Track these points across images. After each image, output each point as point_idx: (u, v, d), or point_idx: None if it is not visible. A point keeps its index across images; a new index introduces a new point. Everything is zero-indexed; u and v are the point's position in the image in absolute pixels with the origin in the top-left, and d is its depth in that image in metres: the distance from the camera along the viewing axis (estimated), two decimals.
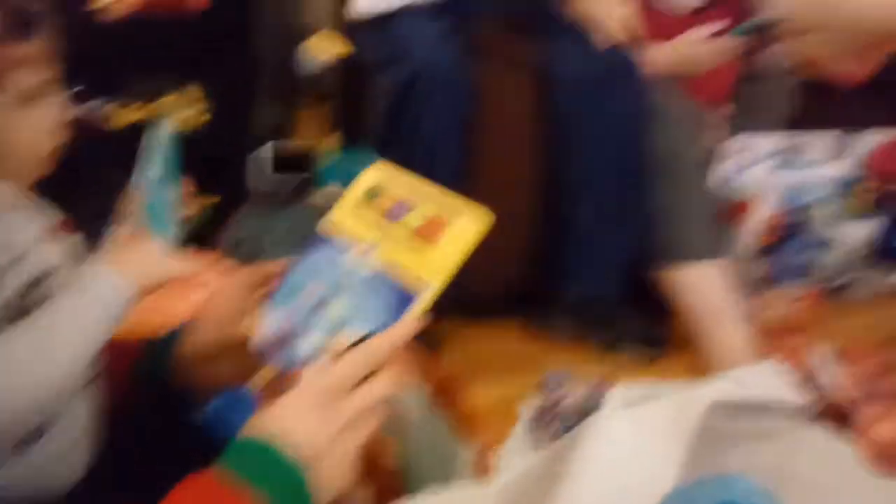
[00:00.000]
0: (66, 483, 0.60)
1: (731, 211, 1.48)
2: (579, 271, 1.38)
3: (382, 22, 1.36)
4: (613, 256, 1.38)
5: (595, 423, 0.77)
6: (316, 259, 0.67)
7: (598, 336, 1.39)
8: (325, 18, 2.00)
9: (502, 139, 1.37)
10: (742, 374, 1.10)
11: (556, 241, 1.39)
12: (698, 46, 1.41)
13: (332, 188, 1.94)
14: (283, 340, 0.66)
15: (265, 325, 0.66)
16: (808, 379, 1.11)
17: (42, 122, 0.60)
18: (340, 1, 1.89)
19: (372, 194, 0.68)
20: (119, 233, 0.72)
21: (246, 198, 1.70)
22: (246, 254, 1.58)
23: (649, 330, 1.38)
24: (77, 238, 0.68)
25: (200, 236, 0.78)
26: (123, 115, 1.68)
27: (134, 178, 0.72)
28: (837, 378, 1.02)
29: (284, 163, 1.95)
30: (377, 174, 0.69)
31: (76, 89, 1.77)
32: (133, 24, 1.63)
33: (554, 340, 1.42)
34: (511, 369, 1.32)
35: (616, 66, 1.32)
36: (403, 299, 0.60)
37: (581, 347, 1.40)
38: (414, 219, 0.63)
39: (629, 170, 1.34)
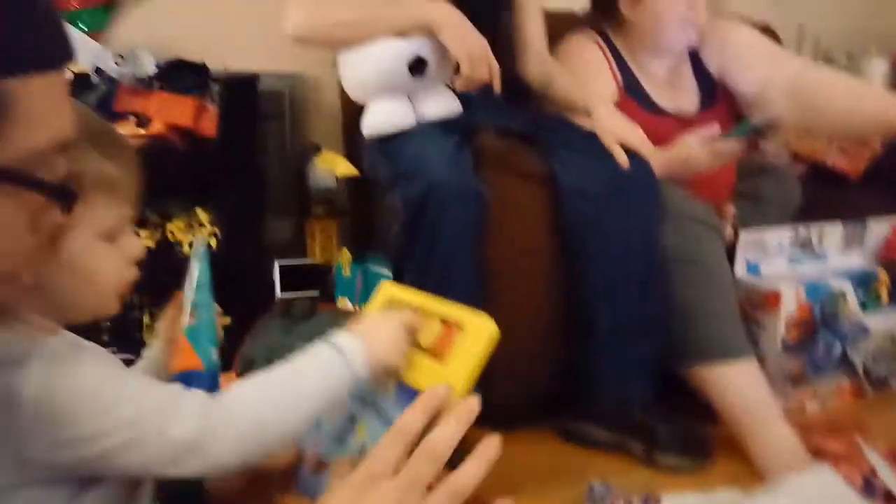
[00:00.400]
0: None
1: (755, 306, 1.45)
2: (608, 377, 1.33)
3: (392, 140, 1.38)
4: (641, 359, 1.34)
5: None
6: None
7: (636, 443, 1.31)
8: (333, 137, 2.07)
9: (518, 249, 1.36)
10: (798, 485, 1.03)
11: (583, 348, 1.35)
12: (695, 149, 1.42)
13: (344, 303, 1.92)
14: (314, 466, 0.63)
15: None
16: (868, 486, 1.04)
17: (120, 258, 0.61)
18: (348, 121, 1.95)
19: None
20: (162, 350, 0.74)
21: (258, 316, 1.67)
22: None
23: (689, 434, 1.31)
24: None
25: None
26: None
27: (184, 297, 0.73)
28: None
29: (295, 280, 1.95)
30: (388, 293, 0.70)
31: None
32: (145, 153, 1.67)
33: (591, 449, 1.35)
34: (549, 481, 1.25)
35: (626, 173, 1.33)
36: None
37: (620, 455, 1.33)
38: (424, 337, 0.63)
39: (647, 273, 1.32)
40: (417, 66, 1.34)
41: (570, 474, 1.27)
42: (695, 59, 1.70)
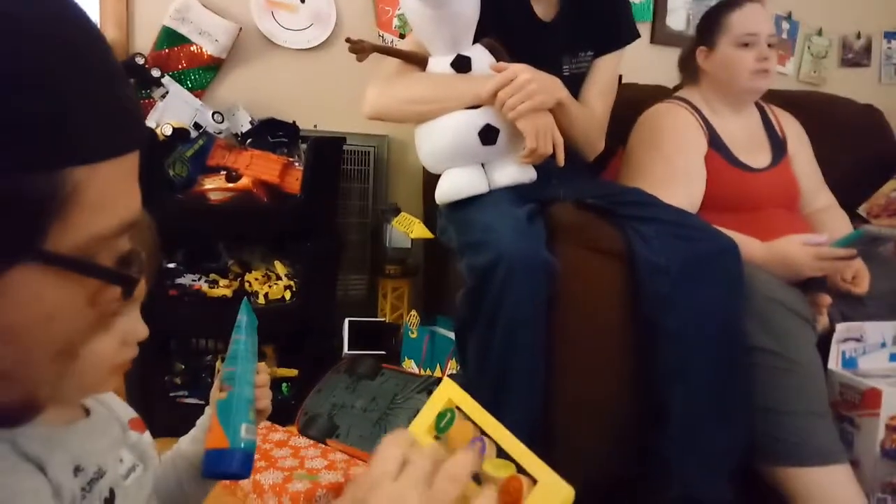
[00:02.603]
0: None
1: (850, 405, 1.34)
2: (681, 468, 1.23)
3: (463, 207, 1.39)
4: (718, 453, 1.24)
5: None
6: None
7: None
8: (413, 199, 2.10)
9: (590, 325, 1.31)
10: None
11: (655, 434, 1.26)
12: (799, 250, 1.36)
13: (409, 365, 1.90)
14: None
15: None
16: None
17: (117, 338, 0.58)
18: (427, 184, 1.98)
19: (445, 421, 0.65)
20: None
21: (324, 371, 1.68)
22: (320, 431, 1.52)
23: None
24: (149, 437, 0.65)
25: (279, 409, 0.75)
26: (216, 289, 1.75)
27: (223, 362, 0.71)
28: None
29: (363, 337, 1.96)
30: (449, 394, 0.67)
31: (176, 263, 1.87)
32: (231, 206, 1.74)
33: None
34: None
35: (708, 251, 1.27)
36: None
37: None
38: (490, 468, 0.59)
39: (726, 359, 1.24)
40: (488, 135, 1.35)
41: None
42: (762, 112, 1.74)
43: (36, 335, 0.40)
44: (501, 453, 0.62)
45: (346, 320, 1.95)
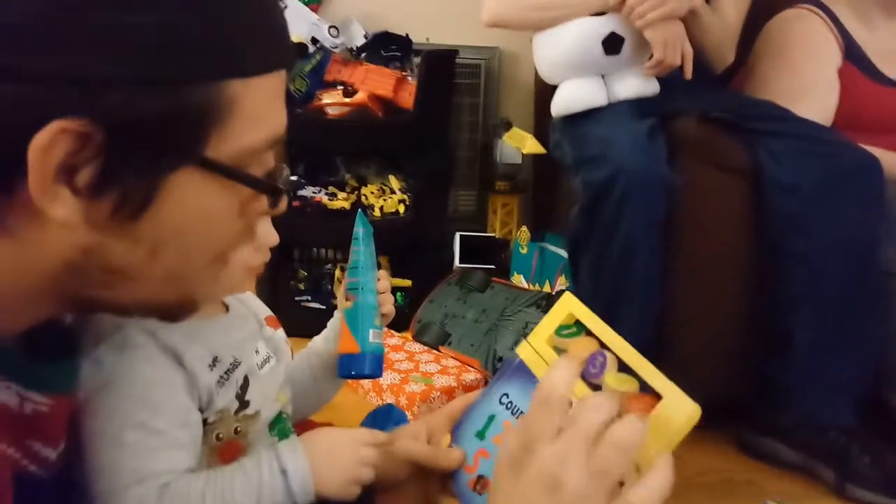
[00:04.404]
0: None
1: None
2: (801, 393, 1.20)
3: (580, 120, 1.35)
4: (842, 380, 1.19)
5: None
6: (511, 390, 0.64)
7: (826, 469, 1.19)
8: (525, 114, 2.06)
9: (711, 245, 1.27)
10: None
11: (778, 359, 1.23)
12: None
13: (518, 280, 1.93)
14: (474, 482, 0.63)
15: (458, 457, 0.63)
16: None
17: (256, 242, 0.62)
18: (540, 98, 1.94)
19: (564, 332, 0.66)
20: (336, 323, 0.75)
21: (436, 282, 1.74)
22: (433, 338, 1.60)
23: (893, 471, 1.16)
24: (282, 333, 0.70)
25: (394, 316, 0.79)
26: (335, 201, 1.82)
27: (346, 269, 0.75)
28: None
29: (474, 251, 2.00)
30: (569, 308, 0.68)
31: (298, 176, 1.95)
32: (348, 121, 1.79)
33: (771, 466, 1.25)
34: (721, 491, 1.18)
35: (846, 168, 1.18)
36: None
37: (804, 479, 1.22)
38: (613, 382, 0.60)
39: (860, 284, 1.17)
40: (612, 44, 1.29)
41: (744, 488, 1.19)
42: None
43: (196, 239, 0.45)
44: (623, 369, 0.63)
45: (458, 234, 2.00)
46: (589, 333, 0.66)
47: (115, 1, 0.38)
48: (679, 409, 0.56)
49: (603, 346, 0.65)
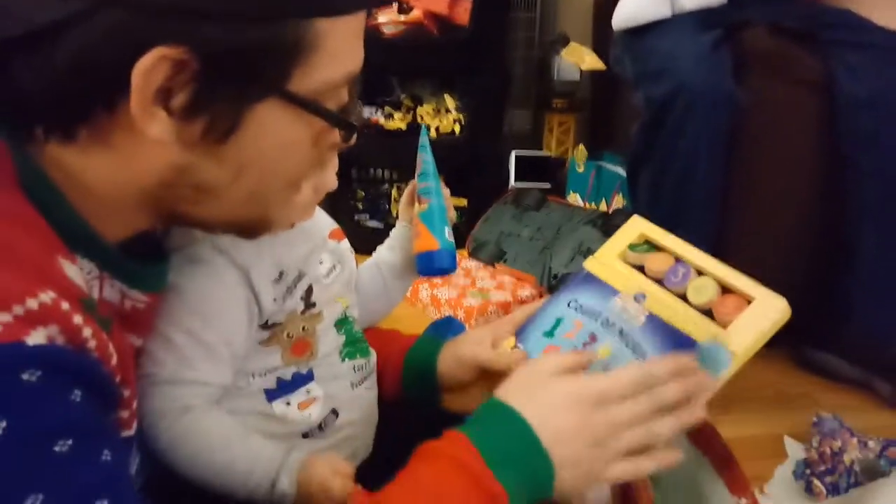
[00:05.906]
0: None
1: None
2: (864, 309, 1.20)
3: (643, 34, 1.30)
4: None
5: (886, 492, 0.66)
6: (580, 297, 0.68)
7: (884, 383, 1.20)
8: (583, 29, 2.00)
9: (778, 161, 1.24)
10: None
11: (838, 272, 1.22)
12: None
13: (574, 199, 1.93)
14: None
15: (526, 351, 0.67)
16: None
17: (314, 185, 0.63)
18: (599, 11, 1.87)
19: (637, 249, 0.70)
20: (405, 229, 0.79)
21: (491, 201, 1.75)
22: (488, 256, 1.63)
23: None
24: (347, 244, 0.74)
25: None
26: (391, 121, 1.84)
27: (413, 182, 0.78)
28: None
29: (529, 170, 1.99)
30: (639, 229, 0.70)
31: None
32: (403, 40, 1.77)
33: (829, 380, 1.27)
34: (777, 404, 1.21)
35: None
36: (682, 343, 0.60)
37: (861, 393, 1.23)
38: (696, 296, 0.64)
39: None
40: None
41: (800, 400, 1.21)
42: None
43: (274, 165, 0.48)
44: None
45: (513, 153, 1.99)
46: (659, 251, 0.69)
47: None
48: (770, 305, 0.60)
49: (677, 260, 0.68)
